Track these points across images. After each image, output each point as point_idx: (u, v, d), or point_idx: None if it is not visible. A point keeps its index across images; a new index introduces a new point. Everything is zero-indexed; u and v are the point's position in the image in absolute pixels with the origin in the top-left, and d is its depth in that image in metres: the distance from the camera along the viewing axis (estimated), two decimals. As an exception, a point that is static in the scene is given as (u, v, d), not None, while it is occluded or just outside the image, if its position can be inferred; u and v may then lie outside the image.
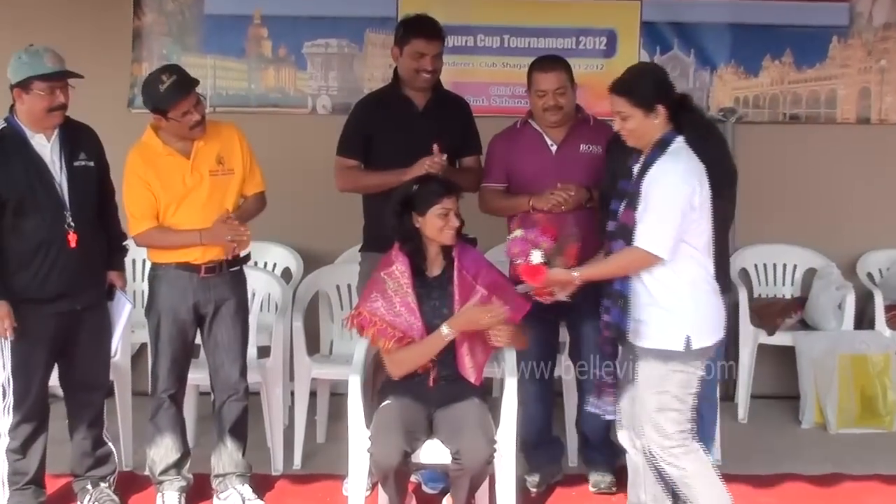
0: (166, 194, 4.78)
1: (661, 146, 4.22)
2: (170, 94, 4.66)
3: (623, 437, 4.56)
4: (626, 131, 4.26)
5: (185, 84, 4.71)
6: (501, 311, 4.35)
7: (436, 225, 4.50)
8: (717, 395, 5.23)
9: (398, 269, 4.54)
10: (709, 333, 4.27)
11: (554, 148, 5.09)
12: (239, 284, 5.00)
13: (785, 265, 6.74)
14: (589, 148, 5.06)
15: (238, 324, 4.97)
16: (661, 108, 4.22)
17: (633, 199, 4.22)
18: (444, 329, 4.40)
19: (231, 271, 4.93)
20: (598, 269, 4.32)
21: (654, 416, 4.27)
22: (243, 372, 5.01)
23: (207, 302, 4.88)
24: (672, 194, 4.14)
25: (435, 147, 4.87)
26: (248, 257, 5.09)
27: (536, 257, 4.33)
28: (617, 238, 4.25)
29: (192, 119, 4.71)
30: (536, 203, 4.96)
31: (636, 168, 4.28)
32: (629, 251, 4.20)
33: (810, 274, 6.66)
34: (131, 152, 4.82)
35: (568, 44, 6.66)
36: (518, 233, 4.39)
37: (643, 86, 4.28)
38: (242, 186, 4.94)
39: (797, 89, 6.80)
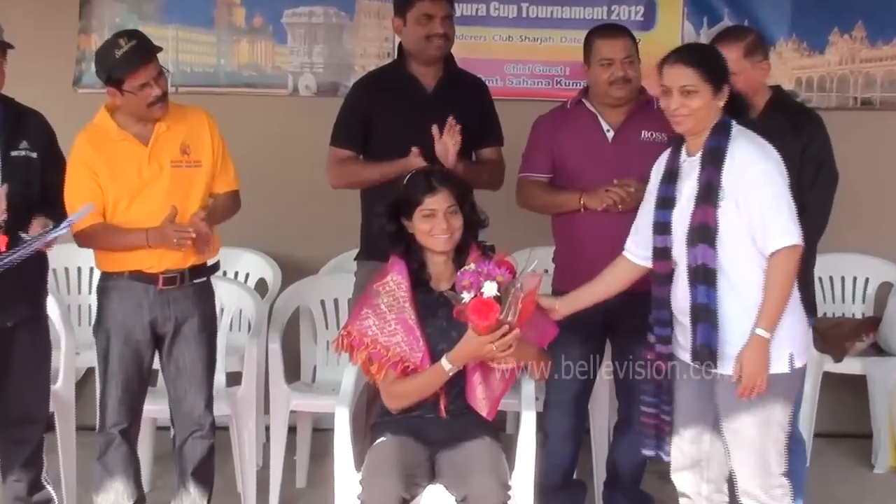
0: (117, 186, 4.75)
1: (725, 130, 4.25)
2: (127, 60, 4.64)
3: (684, 482, 4.53)
4: (686, 110, 4.24)
5: (145, 50, 4.70)
6: (508, 338, 4.31)
7: (422, 229, 4.50)
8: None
9: (393, 279, 4.52)
10: (805, 349, 4.33)
11: (610, 134, 5.09)
12: (204, 299, 4.97)
13: (855, 278, 6.73)
14: (651, 136, 5.06)
15: (203, 345, 4.94)
16: (727, 90, 4.26)
17: (709, 193, 4.20)
18: (446, 363, 4.37)
19: (195, 283, 4.90)
20: (773, 308, 4.19)
21: (757, 455, 4.28)
22: (209, 403, 4.99)
23: (166, 319, 4.85)
24: (782, 179, 4.20)
25: (451, 120, 4.87)
26: (216, 266, 5.06)
27: (490, 289, 4.20)
28: (697, 243, 4.22)
29: (150, 93, 4.69)
30: (589, 201, 4.98)
31: (688, 160, 4.29)
32: (782, 260, 4.16)
33: (885, 289, 6.66)
34: (79, 135, 4.81)
35: (598, 13, 6.66)
36: (472, 266, 4.34)
37: (717, 59, 4.33)
38: (211, 183, 4.91)
39: (870, 69, 6.80)
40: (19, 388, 4.83)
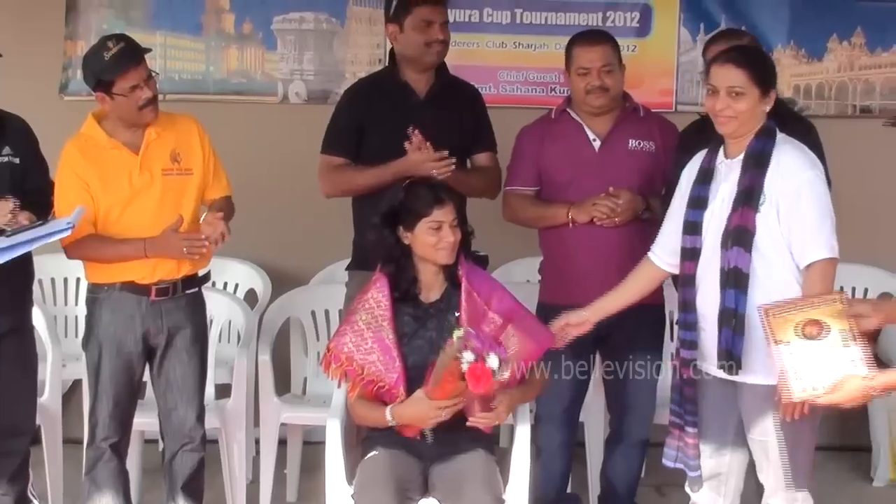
0: (108, 196, 4.76)
1: (771, 134, 4.27)
2: (116, 61, 4.66)
3: (701, 495, 4.54)
4: (731, 112, 4.23)
5: (134, 51, 4.72)
6: (449, 405, 4.30)
7: (427, 242, 4.49)
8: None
9: (374, 297, 4.53)
10: None
11: (597, 144, 5.11)
12: (197, 310, 4.98)
13: (854, 288, 6.70)
14: (639, 144, 5.09)
15: (195, 357, 4.94)
16: (774, 95, 4.29)
17: (749, 197, 4.20)
18: (388, 415, 4.40)
19: (187, 294, 4.91)
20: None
21: (783, 467, 4.30)
22: (200, 416, 4.99)
23: (159, 331, 4.85)
24: (825, 190, 4.23)
25: (414, 133, 4.90)
26: (207, 276, 5.08)
27: (493, 362, 4.19)
28: (731, 246, 4.22)
29: (141, 95, 4.70)
30: (576, 215, 5.00)
31: (725, 162, 4.31)
32: (820, 272, 4.18)
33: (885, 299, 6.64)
34: (68, 144, 4.82)
35: (593, 20, 6.69)
36: (471, 331, 4.34)
37: (766, 61, 4.38)
38: (202, 191, 4.93)
39: (869, 76, 6.82)
40: (5, 401, 4.84)
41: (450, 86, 5.32)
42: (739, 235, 4.19)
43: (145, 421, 5.18)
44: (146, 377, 5.01)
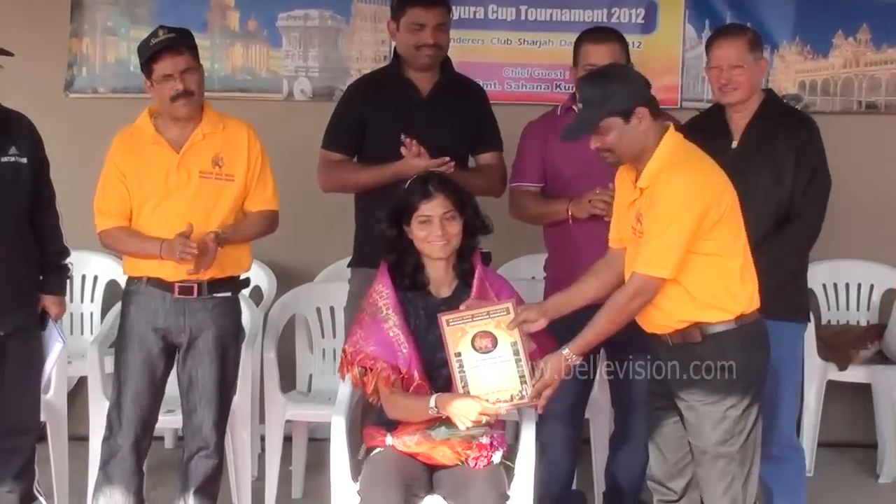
0: (142, 191, 4.78)
1: None
2: (158, 45, 4.70)
3: None
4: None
5: (178, 42, 4.73)
6: (495, 411, 4.34)
7: (418, 236, 4.51)
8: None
9: (377, 289, 4.55)
10: None
11: None
12: (226, 313, 4.95)
13: (860, 285, 6.74)
14: None
15: (216, 361, 4.91)
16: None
17: None
18: (432, 402, 4.36)
19: (217, 297, 4.89)
20: None
21: None
22: (219, 422, 4.98)
23: (180, 330, 4.86)
24: None
25: (411, 140, 4.91)
26: (246, 282, 5.10)
27: (497, 457, 4.42)
28: None
29: (172, 87, 4.71)
30: (575, 210, 4.98)
31: None
32: None
33: (889, 296, 6.66)
34: (117, 136, 4.87)
35: (598, 16, 6.69)
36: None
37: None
38: (242, 199, 4.92)
39: (875, 72, 6.82)
40: (12, 399, 4.85)
41: (454, 84, 5.31)
42: None
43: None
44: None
